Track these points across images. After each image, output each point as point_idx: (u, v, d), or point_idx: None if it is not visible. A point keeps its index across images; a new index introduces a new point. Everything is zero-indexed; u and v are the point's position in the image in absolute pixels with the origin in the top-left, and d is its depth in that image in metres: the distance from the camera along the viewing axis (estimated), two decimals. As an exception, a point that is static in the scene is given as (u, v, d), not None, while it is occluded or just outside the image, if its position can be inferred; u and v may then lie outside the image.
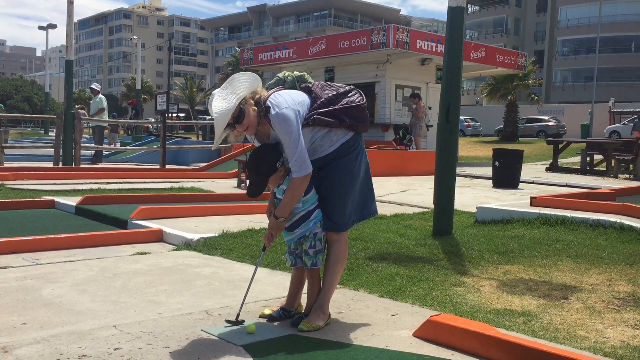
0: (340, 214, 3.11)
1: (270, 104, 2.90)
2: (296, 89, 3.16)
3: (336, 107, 3.04)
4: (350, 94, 3.13)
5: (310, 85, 3.16)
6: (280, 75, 3.25)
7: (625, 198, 7.62)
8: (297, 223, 3.08)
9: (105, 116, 15.67)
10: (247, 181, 2.95)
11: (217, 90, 2.90)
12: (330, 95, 3.08)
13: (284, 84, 3.20)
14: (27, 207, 7.15)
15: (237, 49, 41.49)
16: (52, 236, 5.13)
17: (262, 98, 2.94)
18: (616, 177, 13.88)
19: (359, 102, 3.11)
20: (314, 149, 3.05)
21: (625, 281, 4.08)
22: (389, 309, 3.39)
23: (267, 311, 3.21)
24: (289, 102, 2.94)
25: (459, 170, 10.73)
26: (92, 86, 16.08)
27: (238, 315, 3.03)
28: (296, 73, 3.28)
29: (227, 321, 3.04)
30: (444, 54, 5.93)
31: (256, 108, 2.92)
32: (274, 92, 3.02)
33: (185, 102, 58.49)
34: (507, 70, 20.58)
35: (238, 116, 2.85)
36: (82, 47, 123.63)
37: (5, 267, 4.24)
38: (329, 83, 3.22)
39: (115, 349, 2.68)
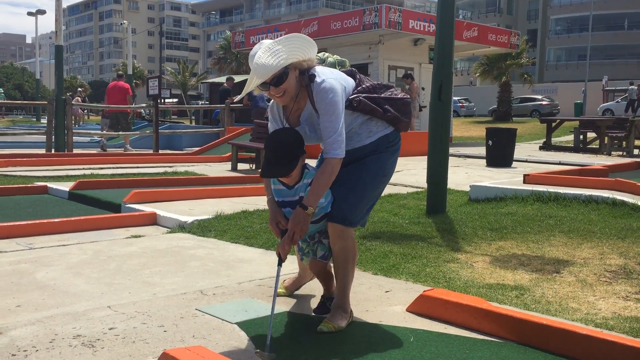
0: (353, 205, 2.74)
1: (315, 72, 2.65)
2: None
3: (380, 95, 2.82)
4: (392, 88, 2.93)
5: (354, 70, 2.95)
6: (320, 55, 3.04)
7: (617, 174, 7.66)
8: (320, 218, 2.77)
9: None
10: (262, 160, 2.72)
11: (270, 41, 2.57)
12: (374, 83, 2.88)
13: (324, 64, 3.06)
14: (20, 193, 7.12)
15: (228, 32, 41.12)
16: (45, 221, 5.12)
17: (309, 67, 2.67)
18: (609, 154, 13.92)
19: (402, 96, 2.89)
20: (350, 136, 2.76)
21: (617, 254, 4.11)
22: (383, 286, 3.40)
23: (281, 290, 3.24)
24: (336, 75, 2.72)
25: (452, 150, 10.75)
26: None
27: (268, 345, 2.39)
28: (337, 57, 3.13)
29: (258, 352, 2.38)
30: (436, 33, 5.89)
31: (299, 76, 2.65)
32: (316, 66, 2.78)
33: (178, 87, 58.11)
34: (500, 49, 20.50)
35: (278, 79, 2.55)
36: (72, 34, 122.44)
37: (-1, 252, 4.24)
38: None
39: (110, 329, 2.69)
